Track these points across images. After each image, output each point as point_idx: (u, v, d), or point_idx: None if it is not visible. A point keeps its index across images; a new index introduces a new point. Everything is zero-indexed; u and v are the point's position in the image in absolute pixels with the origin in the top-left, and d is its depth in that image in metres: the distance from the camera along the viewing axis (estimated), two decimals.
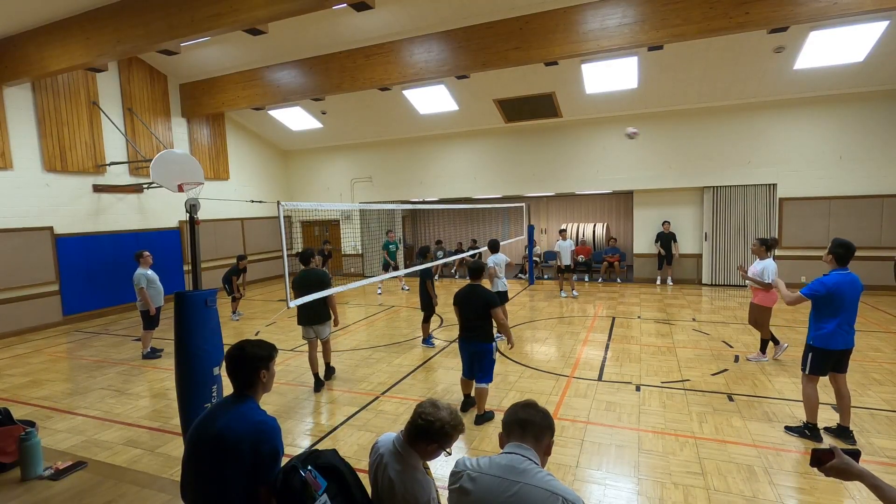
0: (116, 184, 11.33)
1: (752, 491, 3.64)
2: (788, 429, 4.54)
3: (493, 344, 5.04)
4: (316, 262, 7.40)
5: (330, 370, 6.56)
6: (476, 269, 5.21)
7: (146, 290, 7.57)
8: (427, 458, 2.17)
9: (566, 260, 11.60)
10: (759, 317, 6.48)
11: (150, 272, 7.72)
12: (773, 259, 6.87)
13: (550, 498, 1.70)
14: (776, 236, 11.56)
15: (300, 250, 6.77)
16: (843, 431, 4.33)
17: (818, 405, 4.38)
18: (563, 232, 11.81)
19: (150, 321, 7.65)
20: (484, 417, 4.96)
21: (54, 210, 10.21)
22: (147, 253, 7.87)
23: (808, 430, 4.38)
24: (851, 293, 4.14)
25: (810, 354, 4.31)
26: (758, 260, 6.48)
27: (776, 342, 6.61)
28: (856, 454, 1.70)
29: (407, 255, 15.95)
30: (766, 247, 6.43)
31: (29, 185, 9.81)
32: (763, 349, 6.60)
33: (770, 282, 6.15)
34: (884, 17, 8.35)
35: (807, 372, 4.34)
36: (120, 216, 11.50)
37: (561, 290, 11.95)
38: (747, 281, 6.49)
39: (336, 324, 6.36)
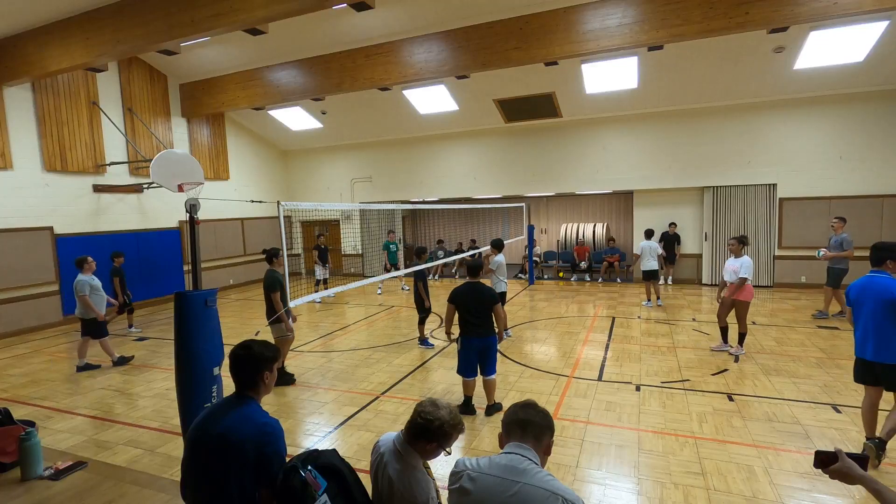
0: (116, 184, 11.33)
1: (752, 491, 3.64)
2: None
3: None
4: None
5: (284, 376, 6.26)
6: (475, 267, 5.40)
7: (89, 297, 7.07)
8: (427, 458, 2.17)
9: (652, 264, 9.99)
10: (739, 311, 6.75)
11: (94, 279, 7.24)
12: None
13: (550, 498, 1.70)
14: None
15: (271, 248, 6.50)
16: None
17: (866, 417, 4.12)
18: (650, 232, 10.44)
19: (99, 329, 7.16)
20: (494, 408, 5.16)
21: (54, 210, 10.21)
22: (91, 259, 7.37)
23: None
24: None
25: None
26: (733, 258, 6.82)
27: (726, 339, 6.97)
28: (864, 459, 1.68)
29: (406, 255, 15.95)
30: (743, 244, 6.83)
31: (29, 185, 9.81)
32: (741, 341, 6.85)
33: (745, 276, 6.61)
34: (884, 17, 8.35)
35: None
36: (120, 216, 11.50)
37: (647, 299, 10.27)
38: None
39: (288, 329, 6.18)
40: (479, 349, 5.12)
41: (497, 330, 5.18)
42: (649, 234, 10.55)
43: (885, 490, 1.57)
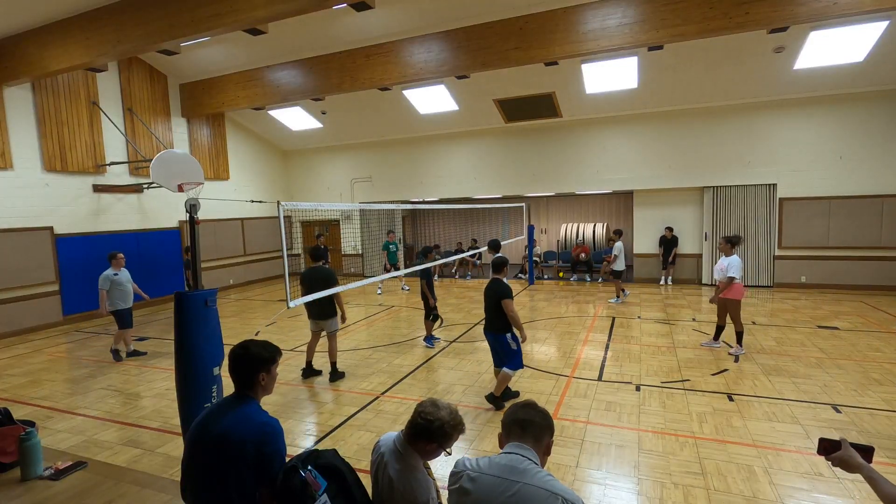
0: (116, 184, 11.33)
1: (752, 491, 3.64)
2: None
3: (509, 334, 5.31)
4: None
5: (335, 373, 6.48)
6: (495, 264, 5.63)
7: (107, 291, 7.43)
8: (427, 458, 2.16)
9: (622, 264, 10.58)
10: (731, 310, 6.85)
11: (119, 273, 7.55)
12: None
13: (550, 498, 1.70)
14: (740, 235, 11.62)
15: (315, 246, 6.94)
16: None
17: None
18: (619, 233, 10.79)
19: (123, 320, 7.55)
20: (494, 399, 5.31)
21: (54, 210, 10.20)
22: (121, 254, 7.72)
23: None
24: None
25: None
26: (724, 256, 6.94)
27: (718, 337, 7.16)
28: (869, 450, 1.76)
29: (407, 255, 15.95)
30: (731, 244, 6.95)
31: (29, 185, 9.81)
32: (739, 340, 6.90)
33: (732, 276, 6.70)
34: (884, 17, 8.35)
35: None
36: (120, 216, 11.50)
37: (617, 295, 10.79)
38: None
39: (343, 320, 6.63)
40: (490, 344, 5.50)
41: (515, 330, 5.27)
42: (620, 233, 10.79)
43: (880, 479, 1.65)
